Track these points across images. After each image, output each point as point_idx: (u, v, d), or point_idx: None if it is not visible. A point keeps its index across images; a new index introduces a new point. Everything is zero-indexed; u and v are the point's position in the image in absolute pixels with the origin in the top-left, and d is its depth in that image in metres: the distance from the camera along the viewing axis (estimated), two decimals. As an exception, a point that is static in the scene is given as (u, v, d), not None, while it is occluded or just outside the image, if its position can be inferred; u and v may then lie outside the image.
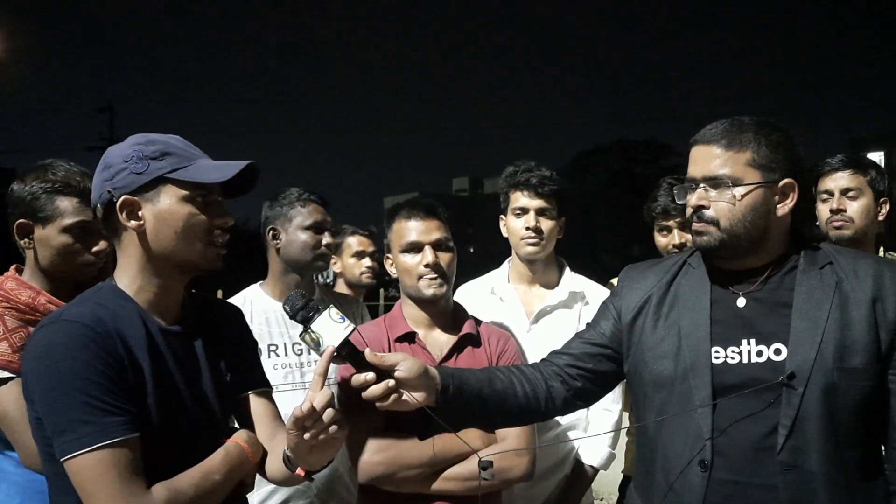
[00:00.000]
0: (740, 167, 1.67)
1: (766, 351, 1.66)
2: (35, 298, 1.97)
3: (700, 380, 1.68)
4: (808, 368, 1.60)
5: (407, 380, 1.63)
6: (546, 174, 2.63)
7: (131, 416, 1.46)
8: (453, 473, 2.07)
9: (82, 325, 1.47)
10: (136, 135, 1.62)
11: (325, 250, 2.68)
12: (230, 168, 1.60)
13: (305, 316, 1.58)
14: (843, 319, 1.62)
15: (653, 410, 1.77)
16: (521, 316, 2.69)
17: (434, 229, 2.21)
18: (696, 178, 1.73)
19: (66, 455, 1.42)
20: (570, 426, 2.64)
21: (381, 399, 1.61)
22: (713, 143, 1.70)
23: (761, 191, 1.67)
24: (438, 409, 1.68)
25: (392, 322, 2.27)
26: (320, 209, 2.70)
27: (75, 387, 1.42)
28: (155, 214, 1.56)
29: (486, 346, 2.28)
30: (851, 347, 1.61)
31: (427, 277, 2.17)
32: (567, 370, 1.88)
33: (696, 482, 1.66)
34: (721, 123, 1.72)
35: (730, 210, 1.67)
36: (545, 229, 2.62)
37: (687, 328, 1.73)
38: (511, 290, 2.75)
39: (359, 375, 1.62)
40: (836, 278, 1.67)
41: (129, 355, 1.50)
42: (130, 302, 1.58)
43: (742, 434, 1.64)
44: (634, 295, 1.87)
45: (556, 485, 2.64)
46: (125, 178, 1.55)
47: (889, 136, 62.59)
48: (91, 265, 2.05)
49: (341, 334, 1.57)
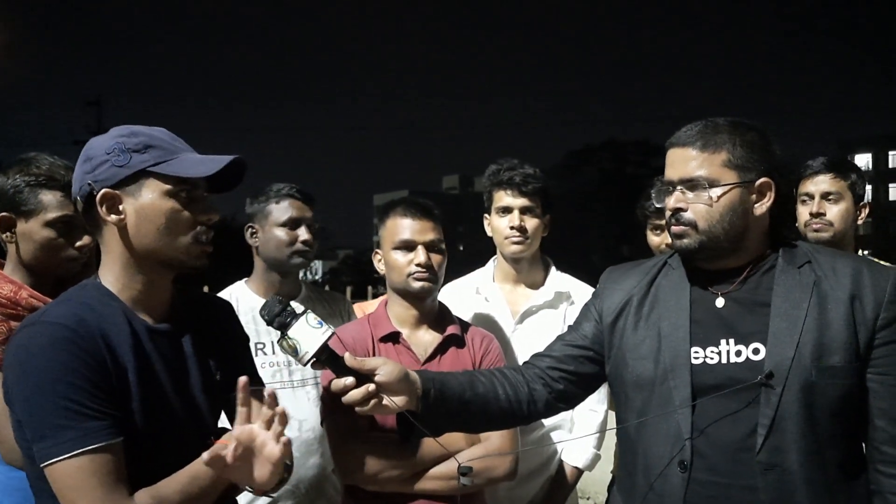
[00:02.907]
0: (716, 168, 1.68)
1: (744, 351, 1.66)
2: (17, 293, 1.95)
3: (680, 380, 1.68)
4: (786, 368, 1.60)
5: (387, 384, 1.61)
6: (529, 172, 2.61)
7: (114, 421, 1.42)
8: (436, 473, 2.06)
9: (63, 326, 1.42)
10: (119, 126, 1.58)
11: (301, 247, 2.61)
12: (215, 162, 1.55)
13: (282, 322, 1.54)
14: (821, 318, 1.62)
15: (634, 411, 1.76)
16: (506, 316, 2.68)
17: (429, 230, 2.21)
18: (672, 180, 1.73)
19: (46, 461, 1.38)
20: (554, 426, 2.64)
21: (360, 404, 1.59)
22: (689, 146, 1.71)
23: (738, 191, 1.68)
24: (420, 414, 1.67)
25: (376, 321, 2.26)
26: (297, 204, 2.63)
27: (55, 391, 1.38)
28: (136, 209, 1.51)
29: (469, 346, 2.28)
30: (830, 346, 1.61)
31: (417, 274, 2.17)
32: (549, 372, 1.87)
33: (675, 483, 1.66)
34: (696, 125, 1.72)
35: (707, 211, 1.68)
36: (529, 228, 2.60)
37: (667, 329, 1.73)
38: (496, 290, 2.73)
39: (338, 380, 1.60)
40: (815, 277, 1.67)
41: (113, 357, 1.45)
42: (115, 300, 1.54)
43: (721, 434, 1.64)
44: (615, 296, 1.87)
45: (540, 486, 2.64)
46: (106, 170, 1.50)
47: (877, 139, 62.86)
48: (74, 260, 2.03)
49: (319, 340, 1.54)
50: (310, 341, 1.54)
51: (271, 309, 1.56)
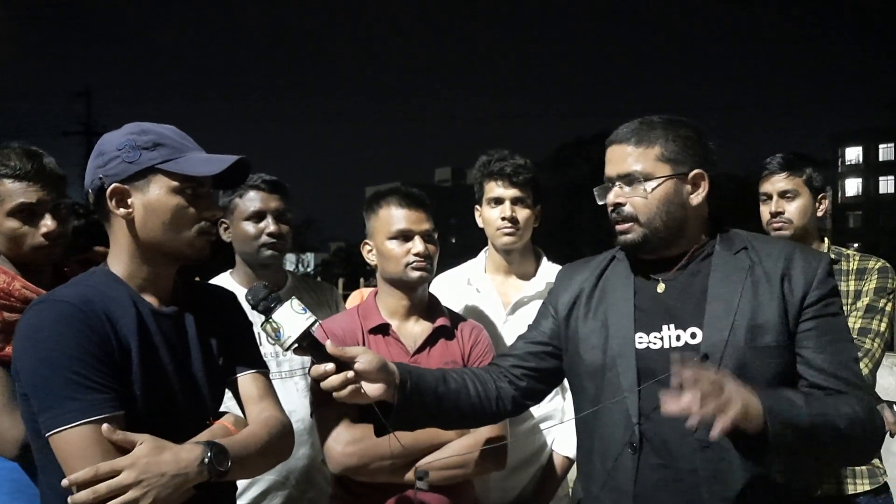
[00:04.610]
0: (651, 162, 1.75)
1: (683, 335, 1.73)
2: (9, 284, 1.95)
3: (626, 366, 1.75)
4: (720, 350, 1.67)
5: (366, 372, 1.68)
6: (520, 163, 2.61)
7: (116, 394, 1.48)
8: (427, 463, 2.05)
9: (69, 304, 1.50)
10: (132, 123, 1.65)
11: (268, 239, 2.55)
12: (220, 162, 1.63)
13: (267, 307, 1.61)
14: (754, 300, 1.69)
15: (588, 399, 1.83)
16: (497, 306, 2.68)
17: (424, 220, 2.21)
18: (611, 176, 1.81)
19: (50, 430, 1.44)
20: (545, 417, 2.64)
21: (338, 389, 1.66)
22: (625, 142, 1.79)
23: (671, 183, 1.75)
24: (397, 406, 1.73)
25: (366, 313, 2.25)
26: (262, 195, 2.56)
27: (61, 364, 1.44)
28: (144, 204, 1.59)
29: (459, 338, 2.28)
30: (763, 327, 1.67)
31: (416, 263, 2.17)
32: (512, 371, 1.95)
33: (627, 465, 1.73)
34: (633, 123, 1.81)
35: (644, 204, 1.75)
36: (521, 218, 2.60)
37: (613, 318, 1.81)
38: (487, 281, 2.73)
39: (318, 366, 1.65)
40: (750, 262, 1.74)
41: (117, 335, 1.52)
42: (122, 285, 1.61)
43: (666, 417, 1.67)
44: (568, 292, 1.95)
45: (531, 476, 2.64)
46: (117, 166, 1.58)
47: (867, 131, 63.09)
48: (44, 247, 2.00)
49: (302, 325, 1.60)
50: (293, 326, 1.60)
51: (256, 293, 1.63)
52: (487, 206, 2.66)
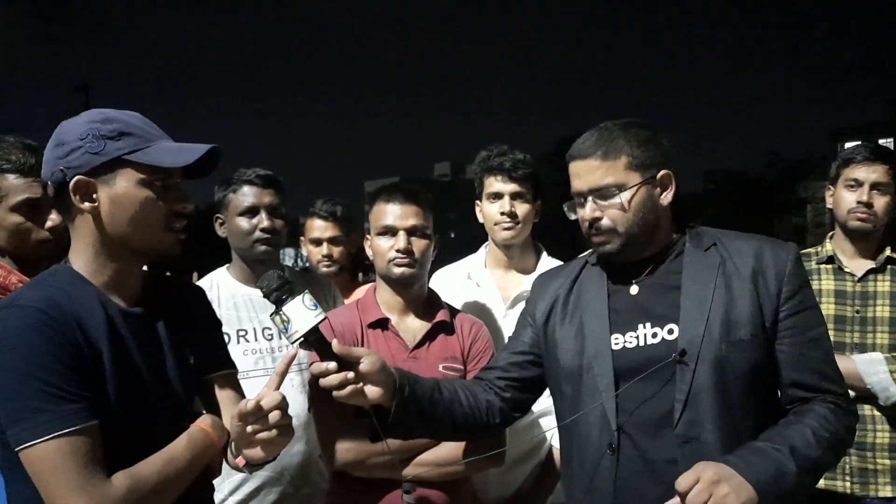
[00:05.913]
0: (621, 172, 1.76)
1: (660, 332, 1.75)
2: (6, 278, 1.94)
3: (602, 367, 1.77)
4: (697, 344, 1.69)
5: (369, 374, 1.68)
6: (519, 157, 2.61)
7: (90, 403, 1.40)
8: (424, 459, 2.07)
9: (37, 309, 1.40)
10: (92, 110, 1.55)
11: (261, 234, 2.54)
12: (191, 152, 1.54)
13: (279, 297, 1.57)
14: (727, 295, 1.72)
15: (567, 402, 1.85)
16: (497, 301, 2.68)
17: (411, 215, 2.19)
18: (582, 191, 1.81)
19: (21, 444, 1.36)
20: (544, 412, 2.61)
21: (335, 388, 1.65)
22: (590, 156, 1.78)
23: (644, 188, 1.77)
24: (394, 410, 1.73)
25: (365, 307, 2.25)
26: (255, 190, 2.55)
27: (30, 373, 1.35)
28: (111, 197, 1.50)
29: (458, 333, 2.27)
30: (737, 321, 1.70)
31: (397, 260, 2.16)
32: (497, 382, 1.97)
33: (606, 465, 1.74)
34: (591, 135, 1.80)
35: (623, 216, 1.76)
36: (520, 213, 2.60)
37: (589, 321, 1.83)
38: (487, 275, 2.73)
39: (320, 364, 1.63)
40: (720, 258, 1.77)
41: (87, 340, 1.44)
42: (88, 284, 1.52)
43: (644, 413, 1.73)
44: (544, 300, 1.97)
45: (529, 471, 2.64)
46: (80, 157, 1.48)
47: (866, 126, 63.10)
48: (47, 241, 2.00)
49: (311, 321, 1.57)
50: (302, 321, 1.57)
51: (270, 283, 1.58)
52: (487, 201, 2.66)
